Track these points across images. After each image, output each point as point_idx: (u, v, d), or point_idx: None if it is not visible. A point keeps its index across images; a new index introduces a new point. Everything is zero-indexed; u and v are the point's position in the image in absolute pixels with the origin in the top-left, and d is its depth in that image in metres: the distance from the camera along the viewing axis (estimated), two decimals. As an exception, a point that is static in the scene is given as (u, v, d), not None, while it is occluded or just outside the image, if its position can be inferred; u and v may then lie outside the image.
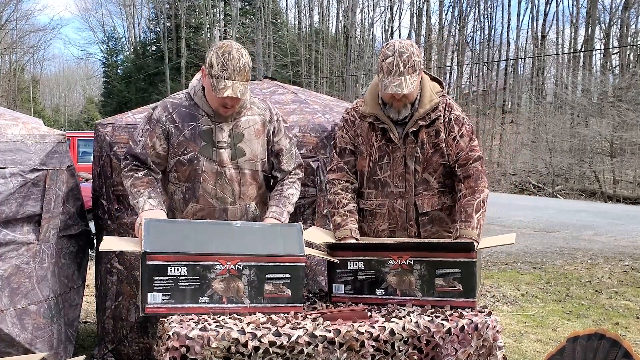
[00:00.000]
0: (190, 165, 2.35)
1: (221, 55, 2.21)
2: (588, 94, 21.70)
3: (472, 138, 2.51)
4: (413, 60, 2.34)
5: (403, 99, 2.40)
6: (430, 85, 2.51)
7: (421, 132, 2.47)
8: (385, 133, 2.49)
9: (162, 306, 2.08)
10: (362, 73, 31.06)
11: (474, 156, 2.48)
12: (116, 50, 44.12)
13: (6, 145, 2.64)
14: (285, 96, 3.47)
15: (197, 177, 2.36)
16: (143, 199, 2.29)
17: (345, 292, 2.35)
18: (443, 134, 2.47)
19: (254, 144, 2.41)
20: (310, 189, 3.06)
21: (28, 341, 2.68)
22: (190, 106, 2.38)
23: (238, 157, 2.38)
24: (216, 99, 2.28)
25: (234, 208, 2.40)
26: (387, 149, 2.49)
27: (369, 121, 2.51)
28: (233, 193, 2.39)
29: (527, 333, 4.20)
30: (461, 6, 29.85)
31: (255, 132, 2.42)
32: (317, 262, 3.08)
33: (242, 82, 2.24)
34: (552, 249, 7.85)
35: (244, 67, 2.23)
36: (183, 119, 2.36)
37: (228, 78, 2.21)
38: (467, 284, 2.23)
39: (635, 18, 24.74)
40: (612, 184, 17.48)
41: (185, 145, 2.35)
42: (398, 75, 2.32)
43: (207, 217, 2.39)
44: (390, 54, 2.34)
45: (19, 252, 2.67)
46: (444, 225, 2.54)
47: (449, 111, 2.50)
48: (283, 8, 38.39)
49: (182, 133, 2.34)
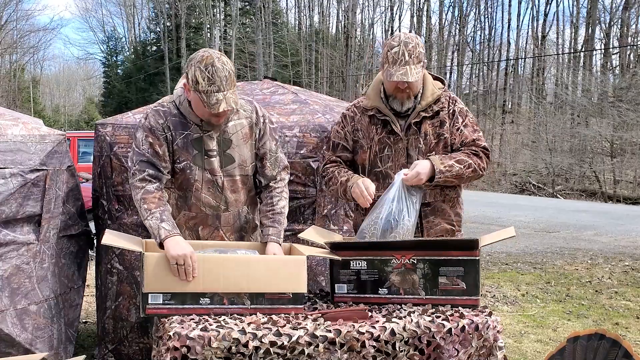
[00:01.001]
0: (182, 174, 2.32)
1: (205, 69, 2.14)
2: (588, 94, 21.69)
3: (477, 129, 2.56)
4: (418, 51, 2.40)
5: (407, 90, 2.45)
6: (432, 81, 2.57)
7: (424, 124, 2.51)
8: (386, 125, 2.52)
9: (163, 307, 2.08)
10: (362, 73, 31.05)
11: (481, 145, 2.53)
12: (116, 50, 44.17)
13: (6, 145, 2.64)
14: (285, 96, 3.47)
15: (189, 186, 2.33)
16: (156, 222, 2.17)
17: (348, 291, 2.35)
18: (447, 125, 2.51)
19: (243, 149, 2.38)
20: (310, 189, 3.06)
21: (28, 341, 2.68)
22: (179, 115, 2.33)
23: (228, 165, 2.35)
24: (208, 113, 2.22)
25: (226, 215, 2.39)
26: (388, 141, 2.52)
27: (369, 114, 2.55)
28: (226, 201, 2.37)
29: (528, 333, 4.20)
30: (461, 6, 29.86)
31: (243, 137, 2.38)
32: (317, 262, 3.07)
33: (232, 90, 2.20)
34: (553, 249, 7.84)
35: (229, 74, 2.18)
36: (175, 128, 2.31)
37: (218, 91, 2.15)
38: (470, 282, 2.23)
39: (636, 18, 24.74)
40: (613, 184, 17.47)
41: (179, 154, 2.31)
42: (403, 64, 2.37)
43: (200, 224, 2.38)
44: (396, 44, 2.39)
45: (19, 252, 2.67)
46: (447, 217, 2.56)
47: (452, 103, 2.55)
48: (283, 8, 38.34)
49: (175, 142, 2.31)
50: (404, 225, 2.37)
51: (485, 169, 2.54)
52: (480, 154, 2.51)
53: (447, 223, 2.56)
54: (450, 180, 2.45)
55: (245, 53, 32.34)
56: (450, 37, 30.77)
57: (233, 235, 2.41)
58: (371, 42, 33.20)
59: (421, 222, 2.53)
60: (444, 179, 2.43)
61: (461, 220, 2.64)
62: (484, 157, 2.53)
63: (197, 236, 2.39)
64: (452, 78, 29.95)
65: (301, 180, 3.04)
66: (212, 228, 2.39)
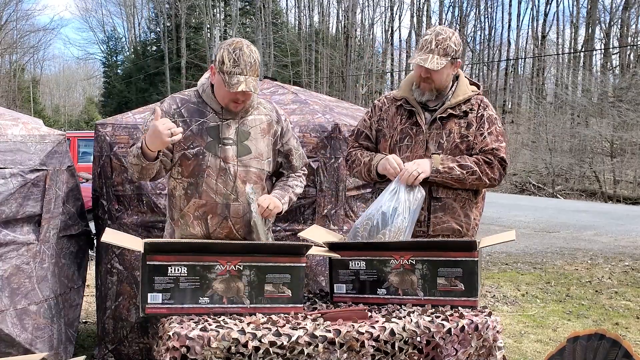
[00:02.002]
0: (195, 160, 2.35)
1: (232, 51, 2.23)
2: (588, 94, 21.68)
3: (500, 140, 2.51)
4: (447, 44, 2.42)
5: (428, 80, 2.46)
6: (467, 83, 2.58)
7: (451, 121, 2.51)
8: (411, 116, 2.54)
9: (163, 306, 2.08)
10: (362, 73, 31.07)
11: (499, 155, 2.48)
12: (116, 50, 44.19)
13: (6, 145, 2.64)
14: (285, 96, 3.47)
15: (201, 172, 2.35)
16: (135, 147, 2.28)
17: (346, 292, 2.35)
18: (474, 128, 2.50)
19: (260, 143, 2.42)
20: (310, 189, 3.06)
21: (28, 341, 2.68)
22: (199, 103, 2.39)
23: (244, 155, 2.39)
24: (228, 94, 2.29)
25: (236, 205, 2.38)
26: (410, 131, 2.53)
27: (397, 104, 2.58)
28: (236, 190, 2.37)
29: (527, 333, 4.20)
30: (461, 6, 29.88)
31: (261, 131, 2.43)
32: (317, 262, 3.08)
33: (254, 77, 2.27)
34: (553, 249, 7.84)
35: (254, 62, 2.26)
36: (191, 115, 2.37)
37: (240, 73, 2.22)
38: (469, 283, 2.23)
39: (636, 18, 24.76)
40: (613, 184, 17.46)
41: (192, 140, 2.35)
42: (428, 52, 2.41)
43: (209, 212, 2.38)
44: (429, 33, 2.46)
45: (19, 252, 2.67)
46: (456, 217, 2.51)
47: (483, 108, 2.54)
48: (283, 8, 38.35)
49: (189, 127, 2.35)
50: (396, 224, 2.35)
51: (497, 180, 2.49)
52: (494, 163, 2.46)
53: (455, 223, 2.51)
54: (449, 182, 2.44)
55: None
56: (450, 37, 30.73)
57: (242, 229, 2.41)
58: (371, 42, 33.22)
59: (429, 216, 2.51)
60: (441, 179, 2.43)
61: (471, 224, 2.56)
62: (498, 168, 2.47)
63: (205, 226, 2.38)
64: (452, 78, 29.91)
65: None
66: (220, 217, 2.38)
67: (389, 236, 2.35)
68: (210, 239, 2.36)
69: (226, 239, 2.37)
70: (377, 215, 2.39)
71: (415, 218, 2.41)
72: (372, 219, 2.40)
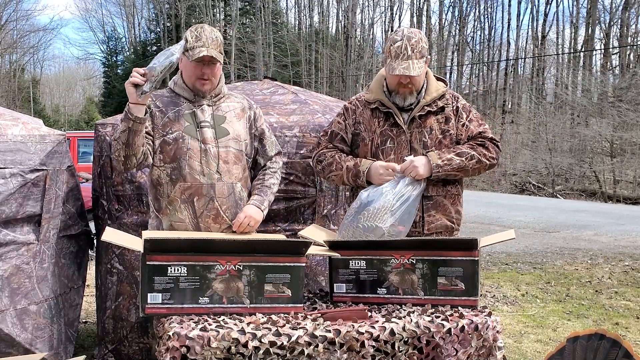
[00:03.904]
0: (175, 144, 2.41)
1: (194, 29, 2.39)
2: (588, 94, 21.68)
3: (482, 123, 2.59)
4: (421, 46, 2.43)
5: (409, 85, 2.47)
6: (434, 79, 2.60)
7: (430, 119, 2.52)
8: (389, 118, 2.54)
9: (162, 306, 2.08)
10: (362, 73, 31.05)
11: (488, 136, 2.54)
12: (116, 50, 44.15)
13: (6, 145, 2.64)
14: (285, 96, 3.47)
15: (182, 155, 2.41)
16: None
17: (346, 291, 2.35)
18: (453, 121, 2.53)
19: (236, 125, 2.51)
20: (310, 189, 3.06)
21: (28, 341, 2.68)
22: (172, 96, 2.50)
23: (222, 136, 2.46)
24: (194, 70, 2.39)
25: (220, 185, 2.43)
26: (390, 133, 2.53)
27: (372, 107, 2.57)
28: (218, 169, 2.43)
29: (527, 333, 4.20)
30: (461, 6, 29.87)
31: (236, 116, 2.53)
32: (317, 262, 3.08)
33: (216, 51, 2.36)
34: (552, 249, 7.84)
35: (216, 38, 2.38)
36: (166, 105, 2.46)
37: (202, 46, 2.34)
38: (469, 283, 2.23)
39: (635, 18, 24.74)
40: (612, 184, 17.46)
41: (170, 126, 2.43)
42: (406, 58, 2.40)
43: (195, 194, 2.41)
44: (399, 39, 2.43)
45: (19, 252, 2.67)
46: (447, 213, 2.55)
47: (455, 100, 2.59)
48: (283, 8, 38.37)
49: (165, 115, 2.44)
50: (377, 206, 2.36)
51: (496, 158, 2.54)
52: (487, 144, 2.52)
53: (447, 219, 2.55)
54: (452, 173, 2.46)
55: (245, 53, 32.35)
56: (450, 37, 30.80)
57: (229, 210, 2.43)
58: (371, 42, 33.21)
59: (423, 216, 2.52)
60: (445, 173, 2.44)
61: (461, 219, 2.64)
62: (492, 147, 2.53)
63: (192, 209, 2.41)
64: (452, 78, 29.98)
65: (301, 180, 3.04)
66: (207, 198, 2.41)
67: (372, 212, 2.36)
68: (198, 227, 2.40)
69: (215, 226, 2.41)
70: (363, 198, 2.43)
71: (413, 212, 2.41)
72: (360, 197, 2.44)
